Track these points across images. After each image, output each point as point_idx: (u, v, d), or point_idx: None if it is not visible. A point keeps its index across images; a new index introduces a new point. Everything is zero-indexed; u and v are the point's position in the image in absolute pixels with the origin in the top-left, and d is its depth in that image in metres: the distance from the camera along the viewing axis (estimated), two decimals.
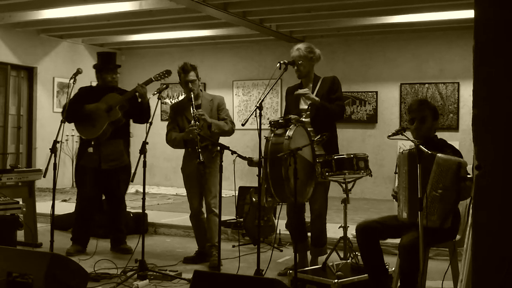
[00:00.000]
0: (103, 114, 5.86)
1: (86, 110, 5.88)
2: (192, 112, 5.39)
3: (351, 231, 4.94)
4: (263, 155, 4.52)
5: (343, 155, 4.67)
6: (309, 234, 5.22)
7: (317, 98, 4.92)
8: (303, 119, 4.90)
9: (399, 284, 3.99)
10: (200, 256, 5.64)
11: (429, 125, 4.16)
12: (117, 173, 6.03)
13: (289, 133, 4.47)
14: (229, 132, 5.59)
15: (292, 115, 4.77)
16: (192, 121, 5.37)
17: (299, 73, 5.10)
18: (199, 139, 5.22)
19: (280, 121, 4.63)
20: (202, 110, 5.45)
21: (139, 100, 5.94)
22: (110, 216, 6.17)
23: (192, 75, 5.54)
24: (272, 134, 4.58)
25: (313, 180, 4.75)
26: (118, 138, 6.01)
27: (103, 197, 6.27)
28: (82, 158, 6.01)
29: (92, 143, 5.91)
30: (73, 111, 5.79)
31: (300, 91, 5.00)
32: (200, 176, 5.52)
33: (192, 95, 5.46)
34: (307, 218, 5.28)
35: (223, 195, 5.01)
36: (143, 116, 5.98)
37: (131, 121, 6.14)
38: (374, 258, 4.24)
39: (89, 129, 5.90)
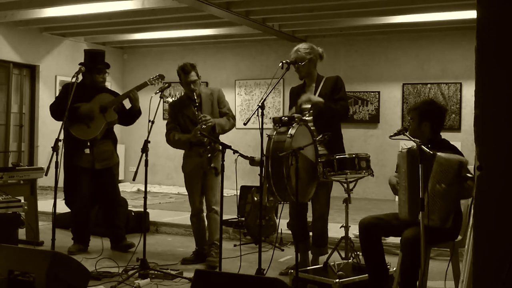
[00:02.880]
0: (98, 115, 5.86)
1: (80, 110, 5.86)
2: (197, 115, 5.36)
3: (353, 231, 4.95)
4: (264, 153, 4.52)
5: (345, 155, 4.67)
6: (310, 233, 5.22)
7: (321, 100, 4.90)
8: (306, 118, 4.90)
9: (399, 281, 4.00)
10: (198, 256, 5.63)
11: (415, 127, 4.15)
12: (110, 171, 6.07)
13: (291, 131, 4.47)
14: (230, 128, 5.59)
15: (295, 114, 4.76)
16: (198, 125, 5.29)
17: (299, 74, 5.11)
18: (207, 141, 5.25)
19: (283, 118, 4.63)
20: (206, 115, 5.37)
21: (131, 105, 5.98)
22: (105, 215, 6.18)
23: (193, 75, 5.47)
24: (275, 132, 4.58)
25: (316, 180, 4.75)
26: (107, 138, 6.04)
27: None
28: (76, 158, 5.96)
29: (88, 143, 5.90)
30: (64, 110, 5.77)
31: (302, 99, 4.97)
32: (201, 175, 5.51)
33: (195, 97, 5.44)
34: (309, 218, 5.28)
35: (224, 194, 5.01)
36: (131, 119, 6.08)
37: None
38: (375, 255, 4.24)
39: (83, 130, 5.88)
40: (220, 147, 4.80)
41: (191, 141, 5.41)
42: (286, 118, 4.62)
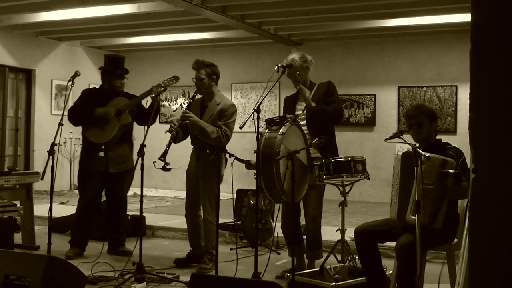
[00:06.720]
0: (113, 118, 5.85)
1: (95, 114, 5.87)
2: (183, 110, 5.39)
3: (349, 234, 4.95)
4: (255, 150, 4.53)
5: (340, 158, 4.68)
6: (304, 237, 5.22)
7: (313, 103, 4.95)
8: (300, 122, 4.92)
9: (396, 286, 4.00)
10: (192, 258, 5.62)
11: (427, 129, 4.18)
12: (122, 176, 6.04)
13: (283, 129, 4.50)
14: (216, 141, 5.28)
15: (288, 115, 4.78)
16: (175, 119, 5.35)
17: (296, 84, 5.13)
18: (172, 137, 5.28)
19: (275, 119, 4.65)
20: (189, 112, 5.35)
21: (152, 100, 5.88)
22: (109, 218, 6.16)
23: (201, 73, 5.45)
24: (267, 130, 4.60)
25: (307, 182, 4.76)
26: (124, 142, 6.02)
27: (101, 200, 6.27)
28: (90, 161, 5.98)
29: (103, 147, 5.90)
30: (83, 115, 5.83)
31: (303, 87, 5.01)
32: (196, 177, 5.50)
33: (195, 94, 5.44)
34: (302, 221, 5.28)
35: (221, 197, 5.00)
36: (152, 117, 5.95)
37: (134, 125, 6.13)
38: (372, 262, 4.25)
39: (98, 133, 5.89)
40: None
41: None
42: (278, 118, 4.64)
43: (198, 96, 5.60)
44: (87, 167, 6.01)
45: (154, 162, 5.03)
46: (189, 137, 5.63)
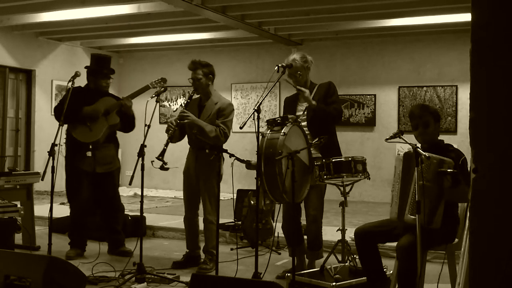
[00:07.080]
0: (101, 118, 5.85)
1: (84, 112, 5.86)
2: (181, 110, 5.40)
3: (349, 234, 4.95)
4: (257, 150, 4.52)
5: (341, 158, 4.68)
6: (305, 237, 5.22)
7: (313, 102, 4.94)
8: (301, 123, 4.92)
9: (397, 287, 4.00)
10: (189, 259, 5.62)
11: (432, 129, 4.17)
12: (111, 176, 6.04)
13: (285, 130, 4.49)
14: (214, 140, 5.28)
15: (289, 115, 4.79)
16: (173, 119, 5.38)
17: (297, 83, 5.13)
18: (169, 136, 5.31)
19: (277, 119, 4.65)
20: (187, 111, 5.36)
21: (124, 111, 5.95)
22: (105, 219, 6.16)
23: (198, 73, 5.47)
24: (269, 131, 4.60)
25: (308, 181, 4.76)
26: (110, 142, 6.03)
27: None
28: (77, 161, 5.96)
29: (90, 146, 5.89)
30: (72, 113, 5.78)
31: (301, 88, 5.01)
32: (196, 178, 5.50)
33: (192, 94, 5.44)
34: (303, 221, 5.28)
35: (221, 198, 5.00)
36: (129, 125, 6.03)
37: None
38: (372, 262, 4.25)
39: (86, 132, 5.87)
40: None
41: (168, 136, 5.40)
42: (279, 119, 4.64)
43: (196, 96, 5.60)
44: (75, 167, 5.98)
45: (152, 161, 5.04)
46: (186, 137, 5.63)
